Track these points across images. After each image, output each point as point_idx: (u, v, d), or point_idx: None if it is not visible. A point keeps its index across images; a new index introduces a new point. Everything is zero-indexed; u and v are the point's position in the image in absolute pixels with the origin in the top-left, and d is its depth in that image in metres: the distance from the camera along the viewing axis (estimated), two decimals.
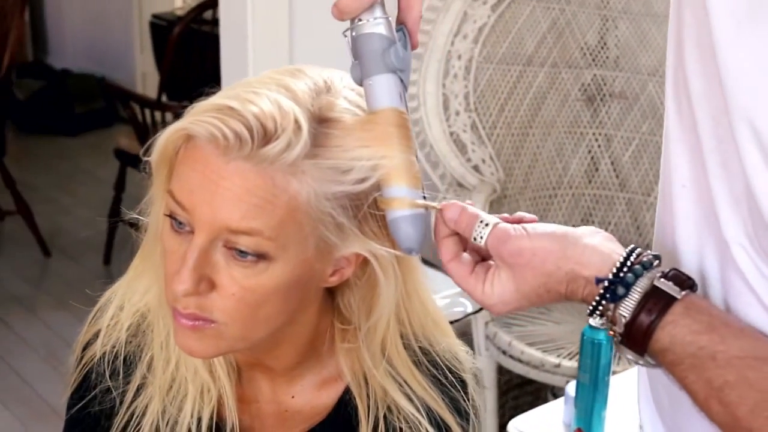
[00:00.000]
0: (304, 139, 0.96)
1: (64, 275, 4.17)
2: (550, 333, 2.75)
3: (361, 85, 0.99)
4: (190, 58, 4.15)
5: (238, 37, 2.83)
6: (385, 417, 1.13)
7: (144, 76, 5.98)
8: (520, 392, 3.01)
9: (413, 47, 1.00)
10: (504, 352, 2.65)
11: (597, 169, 3.09)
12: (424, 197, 1.00)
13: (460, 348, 1.21)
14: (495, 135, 2.96)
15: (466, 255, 1.00)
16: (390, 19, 0.98)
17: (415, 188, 0.98)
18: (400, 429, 1.13)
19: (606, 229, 3.04)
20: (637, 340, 0.89)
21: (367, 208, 1.00)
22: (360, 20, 0.96)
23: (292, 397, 1.17)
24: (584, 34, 3.02)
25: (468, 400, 1.18)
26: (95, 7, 6.29)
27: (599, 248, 0.92)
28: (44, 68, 6.27)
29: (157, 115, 3.92)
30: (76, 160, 5.53)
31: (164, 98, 4.16)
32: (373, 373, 1.12)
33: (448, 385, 1.16)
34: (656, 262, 0.91)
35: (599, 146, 3.07)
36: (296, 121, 0.96)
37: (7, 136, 4.38)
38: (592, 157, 3.08)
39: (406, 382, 1.13)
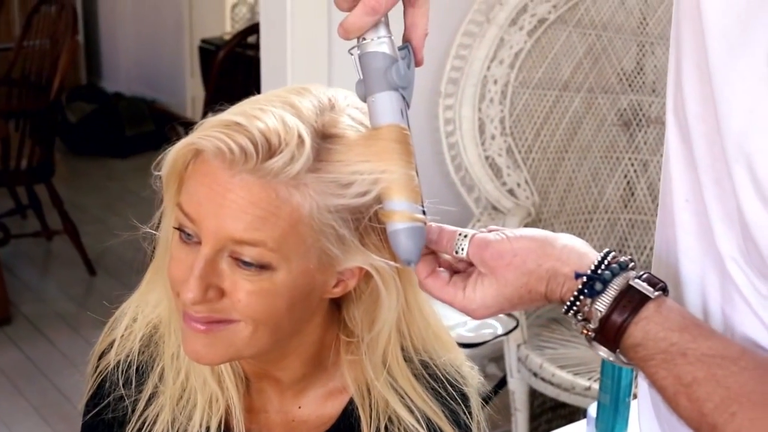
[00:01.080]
0: (307, 153, 0.99)
1: (108, 295, 4.21)
2: (582, 356, 2.75)
3: (365, 101, 1.02)
4: (235, 81, 4.22)
5: (278, 61, 2.88)
6: (386, 427, 1.15)
7: (194, 100, 6.06)
8: (554, 415, 3.01)
9: (418, 64, 1.03)
10: (535, 375, 2.66)
11: (633, 194, 3.09)
12: (424, 212, 1.02)
13: (463, 362, 1.23)
14: (530, 159, 2.97)
15: (441, 269, 1.02)
16: (393, 38, 1.01)
17: (414, 202, 1.00)
18: None
19: (642, 254, 3.06)
20: (610, 335, 0.92)
21: (367, 222, 1.03)
22: (364, 39, 1.00)
23: (299, 407, 1.19)
24: (621, 59, 3.03)
25: (469, 413, 1.20)
26: (148, 32, 6.40)
27: (576, 249, 0.96)
28: (97, 91, 6.37)
29: None
30: (124, 181, 5.61)
31: None
32: (375, 384, 1.15)
33: (448, 398, 1.18)
34: (631, 264, 0.94)
35: (635, 171, 3.08)
36: (300, 136, 0.99)
37: (57, 157, 4.46)
38: (628, 182, 3.09)
39: (406, 394, 1.16)
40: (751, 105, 0.85)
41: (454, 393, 1.19)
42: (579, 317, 0.94)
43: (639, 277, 0.92)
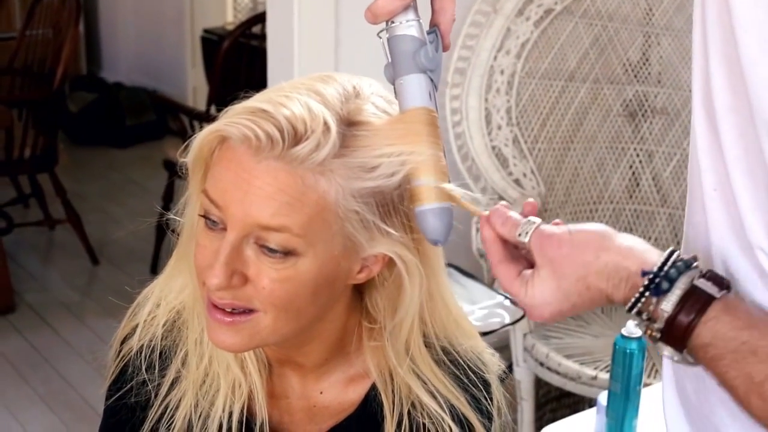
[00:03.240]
0: (333, 139, 1.00)
1: (111, 283, 4.23)
2: (588, 346, 2.76)
3: (393, 84, 1.03)
4: (239, 71, 4.21)
5: (284, 51, 2.88)
6: (409, 413, 1.16)
7: (195, 90, 6.05)
8: (558, 405, 3.02)
9: (445, 49, 1.04)
10: (541, 364, 2.67)
11: (638, 184, 3.10)
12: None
13: (484, 350, 1.24)
14: (536, 149, 2.98)
15: (513, 258, 1.01)
16: (422, 21, 1.02)
17: (442, 182, 1.01)
18: (424, 425, 1.16)
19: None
20: (677, 335, 0.90)
21: (392, 206, 1.04)
22: (393, 23, 1.01)
23: (321, 393, 1.20)
24: (626, 50, 3.04)
25: (491, 399, 1.21)
26: (149, 22, 6.39)
27: (635, 246, 0.94)
28: (97, 81, 6.37)
29: (206, 127, 3.97)
30: (126, 171, 5.61)
31: (213, 111, 4.22)
32: (398, 370, 1.15)
33: (470, 384, 1.19)
34: (695, 263, 0.92)
35: (640, 161, 3.08)
36: (325, 123, 1.00)
37: (59, 147, 4.46)
38: (634, 173, 3.10)
39: (429, 380, 1.16)
40: None
41: (475, 379, 1.20)
42: (643, 317, 0.93)
43: (704, 276, 0.91)
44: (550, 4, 2.93)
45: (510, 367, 2.75)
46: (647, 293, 0.91)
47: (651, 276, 0.91)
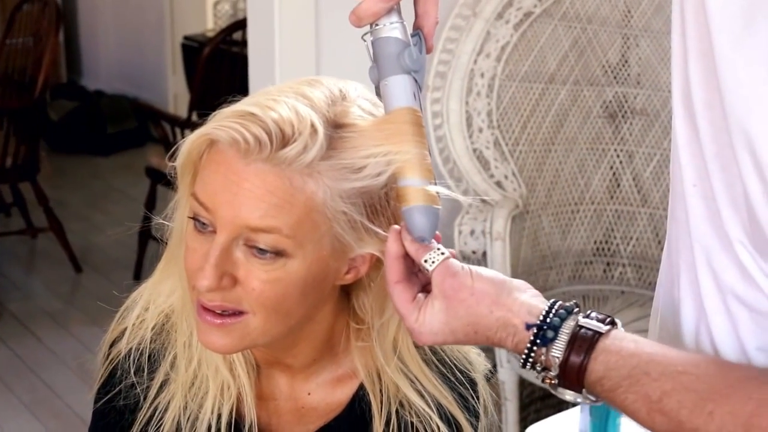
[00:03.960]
0: (320, 141, 1.02)
1: (94, 291, 4.23)
2: None
3: (378, 86, 1.04)
4: (220, 77, 4.22)
5: (265, 57, 2.88)
6: (397, 412, 1.17)
7: (176, 97, 6.06)
8: (543, 405, 3.04)
9: (428, 51, 1.06)
10: None
11: (619, 185, 3.12)
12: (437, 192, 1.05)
13: (470, 349, 1.25)
14: (517, 151, 3.00)
15: (410, 278, 1.04)
16: (405, 23, 1.04)
17: (428, 180, 1.03)
18: (412, 423, 1.17)
19: (628, 245, 3.09)
20: (572, 377, 0.94)
21: (379, 206, 1.05)
22: (377, 25, 1.03)
23: (309, 393, 1.21)
24: (606, 52, 3.06)
25: (477, 398, 1.22)
26: (129, 30, 6.39)
27: (527, 302, 0.98)
28: (78, 89, 6.37)
29: (188, 133, 3.97)
30: (107, 179, 5.61)
31: (194, 117, 4.23)
32: (385, 369, 1.17)
33: (457, 383, 1.21)
34: (576, 309, 0.96)
35: (621, 162, 3.11)
36: (312, 126, 1.02)
37: (41, 156, 4.46)
38: (614, 173, 3.12)
39: (417, 379, 1.18)
40: (758, 92, 0.87)
41: (462, 378, 1.21)
42: (538, 368, 0.96)
43: (587, 316, 0.95)
44: (529, 7, 2.95)
45: (494, 368, 2.75)
46: (535, 346, 0.95)
47: (535, 328, 0.95)
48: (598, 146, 3.10)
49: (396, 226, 1.04)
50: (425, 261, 1.01)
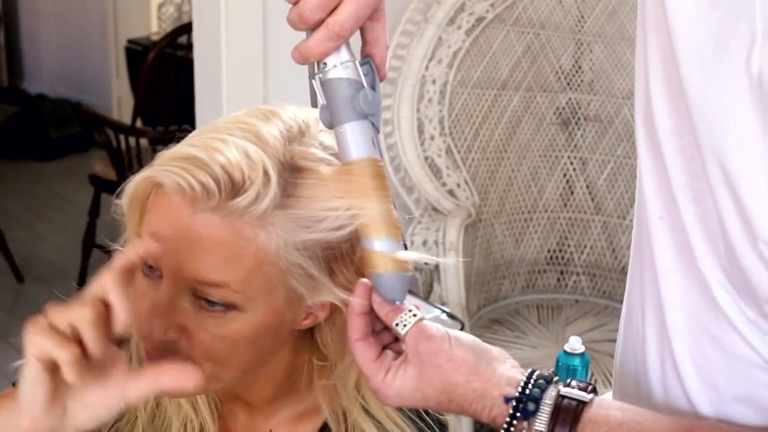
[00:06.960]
0: (273, 190, 0.94)
1: (37, 301, 4.12)
2: (526, 357, 2.73)
3: (331, 128, 0.95)
4: (165, 82, 4.13)
5: (212, 62, 2.82)
6: None
7: (120, 100, 5.97)
8: None
9: (381, 79, 0.96)
10: None
11: (572, 193, 3.08)
12: (405, 246, 0.97)
13: None
14: (470, 159, 2.95)
15: (373, 339, 0.97)
16: (355, 57, 0.94)
17: (395, 239, 0.95)
18: None
19: (582, 253, 3.06)
20: None
21: (339, 254, 0.99)
22: (325, 64, 0.92)
23: (270, 430, 1.15)
24: (559, 58, 3.02)
25: None
26: (71, 32, 6.28)
27: (506, 374, 0.91)
28: (19, 93, 6.24)
29: (132, 140, 3.90)
30: (50, 185, 5.50)
31: (139, 123, 4.14)
32: (350, 409, 1.10)
33: (426, 428, 1.14)
34: (555, 378, 0.90)
35: (574, 169, 3.07)
36: (265, 173, 0.94)
37: None
38: (568, 181, 3.08)
39: (382, 423, 1.11)
40: (731, 123, 0.80)
41: (430, 422, 1.15)
42: None
43: (568, 385, 0.89)
44: (481, 13, 2.91)
45: None
46: (515, 420, 0.89)
47: (515, 401, 0.89)
48: (552, 153, 3.07)
49: (364, 280, 0.96)
50: (396, 324, 0.94)
